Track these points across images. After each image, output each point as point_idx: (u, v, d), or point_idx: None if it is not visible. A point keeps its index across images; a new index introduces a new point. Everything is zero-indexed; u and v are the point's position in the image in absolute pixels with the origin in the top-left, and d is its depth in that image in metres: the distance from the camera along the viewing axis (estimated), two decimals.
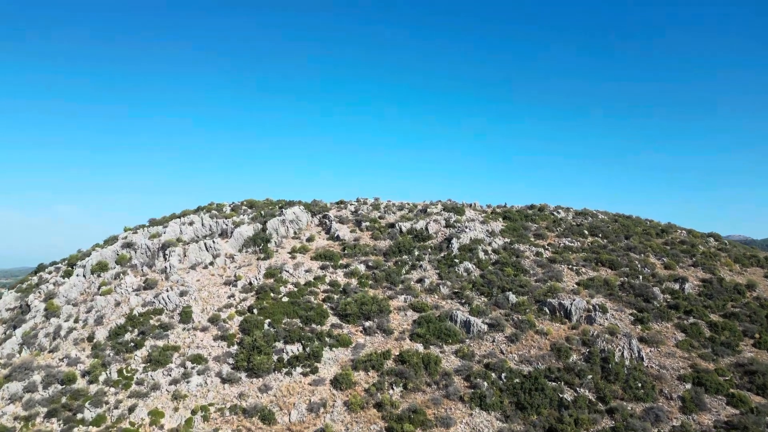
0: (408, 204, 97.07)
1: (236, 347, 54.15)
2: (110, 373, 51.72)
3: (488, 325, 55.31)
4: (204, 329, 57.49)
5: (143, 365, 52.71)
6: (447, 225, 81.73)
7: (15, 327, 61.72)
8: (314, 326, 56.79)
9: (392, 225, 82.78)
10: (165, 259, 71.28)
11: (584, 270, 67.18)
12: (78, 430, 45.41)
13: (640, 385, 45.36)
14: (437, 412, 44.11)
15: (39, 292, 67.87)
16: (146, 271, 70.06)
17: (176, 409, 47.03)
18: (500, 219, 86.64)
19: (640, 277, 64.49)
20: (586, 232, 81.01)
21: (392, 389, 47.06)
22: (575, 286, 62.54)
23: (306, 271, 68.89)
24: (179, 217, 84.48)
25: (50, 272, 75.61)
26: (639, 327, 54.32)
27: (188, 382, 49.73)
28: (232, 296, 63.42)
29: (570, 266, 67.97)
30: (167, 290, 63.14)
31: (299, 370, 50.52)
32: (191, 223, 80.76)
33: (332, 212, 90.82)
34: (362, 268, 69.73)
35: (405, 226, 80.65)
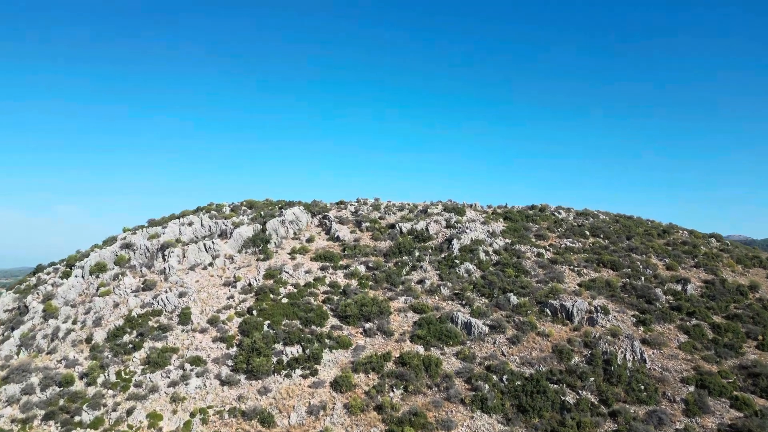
0: (408, 204, 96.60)
1: (235, 349, 53.75)
2: (108, 375, 51.35)
3: (489, 327, 54.88)
4: (203, 331, 57.09)
5: (142, 367, 52.30)
6: (447, 226, 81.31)
7: (13, 328, 61.32)
8: (314, 328, 56.38)
9: (392, 226, 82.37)
10: (164, 260, 70.88)
11: (586, 271, 66.75)
12: None
13: (643, 388, 44.94)
14: (438, 415, 43.70)
15: (37, 293, 67.47)
16: (145, 272, 69.64)
17: (175, 412, 46.64)
18: (501, 219, 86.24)
19: (642, 278, 64.07)
20: (588, 233, 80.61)
21: (393, 392, 46.65)
22: (577, 288, 62.11)
23: (306, 272, 68.48)
24: (178, 218, 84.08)
25: (49, 273, 75.20)
26: (641, 329, 53.89)
27: (187, 385, 49.34)
28: (232, 297, 63.01)
29: (571, 267, 67.55)
30: (166, 291, 62.75)
31: (299, 372, 50.11)
32: (190, 224, 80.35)
33: (332, 213, 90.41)
34: (362, 269, 69.32)
35: (405, 227, 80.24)
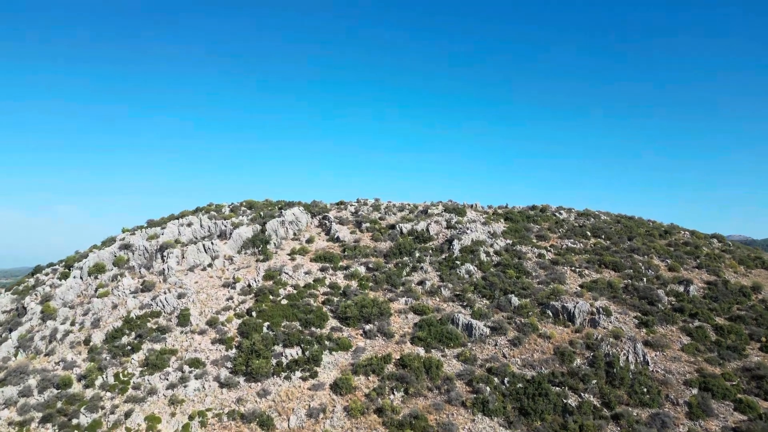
0: (409, 205, 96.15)
1: (234, 351, 53.33)
2: (107, 377, 50.94)
3: (490, 329, 54.44)
4: (202, 332, 56.67)
5: (140, 369, 51.89)
6: (448, 226, 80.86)
7: (11, 330, 60.90)
8: (314, 329, 55.95)
9: (393, 226, 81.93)
10: (163, 261, 70.49)
11: (587, 272, 66.31)
12: None
13: (646, 390, 44.49)
14: (439, 418, 43.27)
15: (35, 294, 67.06)
16: (144, 273, 69.20)
17: (173, 415, 46.22)
18: (502, 220, 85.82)
19: (644, 280, 63.62)
20: (589, 234, 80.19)
21: (393, 394, 46.20)
22: (578, 289, 61.67)
23: (305, 273, 68.05)
24: (177, 218, 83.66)
25: (47, 274, 74.76)
26: (644, 330, 53.44)
27: (186, 387, 48.92)
28: (231, 298, 62.58)
29: (573, 268, 67.10)
30: (165, 292, 62.35)
31: (298, 375, 49.67)
32: (190, 225, 79.91)
33: (332, 213, 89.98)
34: (362, 270, 68.87)
35: (406, 228, 79.80)
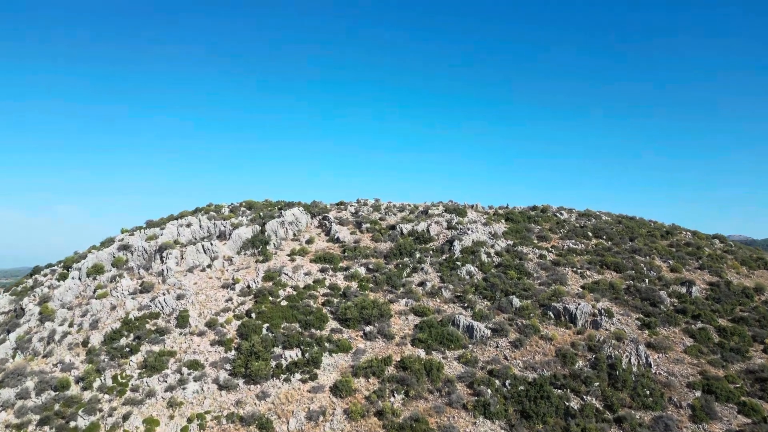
0: (409, 205, 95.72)
1: (234, 353, 52.91)
2: (105, 379, 50.54)
3: (491, 330, 54.02)
4: (201, 334, 56.27)
5: (138, 371, 51.48)
6: (449, 227, 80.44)
7: (9, 331, 60.50)
8: (313, 331, 55.54)
9: (393, 227, 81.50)
10: (162, 262, 70.09)
11: (589, 273, 65.87)
12: None
13: (649, 393, 44.08)
14: (440, 421, 42.86)
15: (34, 295, 66.68)
16: (143, 274, 68.80)
17: (172, 417, 45.80)
18: (502, 221, 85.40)
19: (646, 281, 63.19)
20: (590, 234, 79.76)
21: (393, 397, 45.79)
22: (580, 290, 61.24)
23: (305, 274, 67.64)
24: (177, 219, 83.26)
25: (45, 275, 74.36)
26: (646, 332, 53.01)
27: (184, 389, 48.51)
28: (230, 300, 62.16)
29: (574, 269, 66.65)
30: (164, 294, 61.96)
31: (298, 377, 49.25)
32: (189, 225, 79.51)
33: (332, 214, 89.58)
34: (363, 271, 68.46)
35: (406, 228, 79.39)
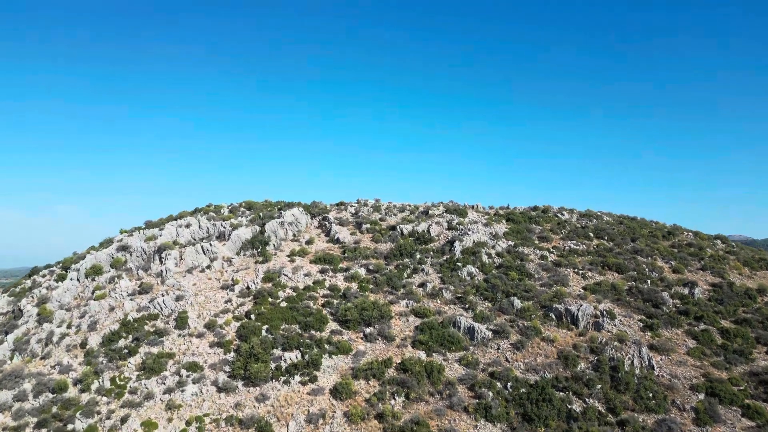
0: (409, 206, 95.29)
1: (233, 354, 52.49)
2: (103, 382, 50.10)
3: (493, 332, 53.61)
4: (200, 335, 55.84)
5: (137, 373, 51.07)
6: (449, 227, 80.00)
7: (7, 332, 60.08)
8: (313, 333, 55.12)
9: (393, 227, 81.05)
10: (161, 263, 69.65)
11: (590, 274, 65.44)
12: None
13: (652, 396, 43.67)
14: (441, 424, 42.44)
15: (32, 297, 66.27)
16: (141, 275, 68.39)
17: (170, 420, 45.38)
18: (503, 221, 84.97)
19: (648, 282, 62.77)
20: (592, 235, 79.33)
21: (394, 399, 45.38)
22: (582, 291, 60.82)
23: (305, 275, 67.22)
24: (176, 219, 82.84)
25: (44, 275, 73.93)
26: (648, 334, 52.60)
27: (183, 391, 48.09)
28: (229, 301, 61.74)
29: (576, 270, 66.23)
30: (163, 295, 61.54)
31: (297, 379, 48.84)
32: (188, 226, 79.08)
33: (332, 214, 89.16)
34: (363, 272, 68.04)
35: (406, 229, 78.96)
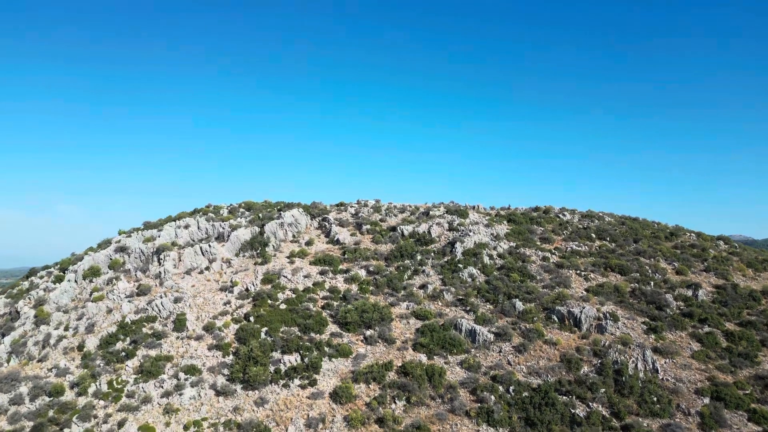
0: (410, 206, 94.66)
1: (232, 357, 51.88)
2: (100, 385, 49.49)
3: (494, 334, 53.01)
4: (198, 338, 55.23)
5: (134, 376, 50.46)
6: (450, 228, 79.39)
7: (3, 335, 59.44)
8: (313, 335, 54.53)
9: (394, 228, 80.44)
10: (159, 264, 69.03)
11: (593, 275, 64.82)
12: None
13: (656, 400, 43.06)
14: (442, 429, 41.83)
15: (29, 298, 65.67)
16: (140, 277, 67.80)
17: (168, 424, 44.78)
18: (505, 222, 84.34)
19: (652, 284, 62.14)
20: (594, 236, 78.70)
21: (395, 403, 44.77)
22: (584, 293, 60.20)
23: (305, 277, 66.61)
24: (175, 220, 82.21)
25: (41, 277, 73.31)
26: (652, 336, 51.98)
27: (181, 395, 47.49)
28: (228, 303, 61.14)
29: (578, 271, 65.60)
30: (161, 297, 60.91)
31: (297, 382, 48.23)
32: (187, 227, 78.48)
33: (332, 215, 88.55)
34: (363, 274, 67.42)
35: (407, 230, 78.34)
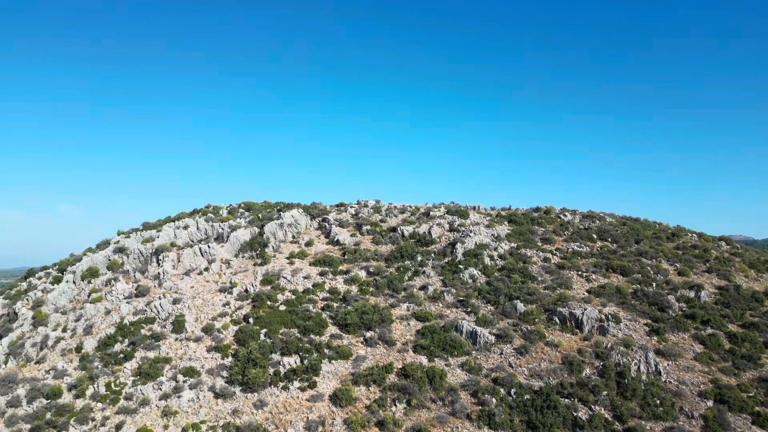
0: (410, 207, 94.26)
1: (231, 359, 51.49)
2: (98, 387, 49.09)
3: (496, 336, 52.60)
4: (197, 339, 54.83)
5: (133, 378, 50.05)
6: (451, 229, 78.99)
7: (1, 336, 59.04)
8: (312, 337, 54.13)
9: (394, 229, 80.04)
10: (158, 265, 68.64)
11: (594, 277, 64.42)
12: None
13: (659, 403, 42.64)
14: None
15: (27, 299, 65.28)
16: (138, 278, 67.41)
17: (166, 427, 44.38)
18: (505, 222, 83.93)
19: (654, 285, 61.72)
20: (595, 236, 78.29)
21: (395, 406, 44.36)
22: (586, 294, 59.80)
23: (304, 278, 66.20)
24: (174, 221, 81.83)
25: (40, 278, 72.91)
26: (654, 338, 51.57)
27: (179, 397, 47.09)
28: (227, 304, 60.74)
29: (580, 273, 65.20)
30: (160, 298, 60.50)
31: (296, 385, 47.82)
32: (186, 227, 78.08)
33: (332, 215, 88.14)
34: (363, 275, 67.02)
35: (407, 230, 77.95)
